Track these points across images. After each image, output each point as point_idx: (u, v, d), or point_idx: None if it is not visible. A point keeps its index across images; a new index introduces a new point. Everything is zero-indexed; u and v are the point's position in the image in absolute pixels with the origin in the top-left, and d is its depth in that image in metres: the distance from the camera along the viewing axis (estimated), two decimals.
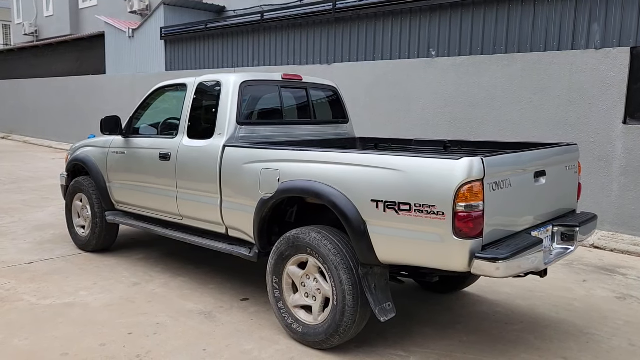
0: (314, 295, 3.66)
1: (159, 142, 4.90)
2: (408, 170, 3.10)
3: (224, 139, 4.31)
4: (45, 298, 4.50)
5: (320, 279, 3.59)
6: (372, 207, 3.23)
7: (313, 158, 3.62)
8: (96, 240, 5.68)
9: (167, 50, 13.87)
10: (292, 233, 3.71)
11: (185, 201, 4.63)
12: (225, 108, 4.38)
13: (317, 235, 3.54)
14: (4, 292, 4.63)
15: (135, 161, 5.14)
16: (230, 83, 4.43)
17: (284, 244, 3.74)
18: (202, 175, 4.41)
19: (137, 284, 4.88)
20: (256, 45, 11.42)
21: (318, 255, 3.52)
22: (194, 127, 4.64)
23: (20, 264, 5.39)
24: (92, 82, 16.81)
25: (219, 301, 4.49)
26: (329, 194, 3.42)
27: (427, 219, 3.00)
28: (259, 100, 4.68)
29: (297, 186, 3.63)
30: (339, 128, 5.32)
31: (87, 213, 5.79)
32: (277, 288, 3.83)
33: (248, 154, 4.06)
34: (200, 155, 4.44)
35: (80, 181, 5.79)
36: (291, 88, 4.90)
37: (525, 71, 7.30)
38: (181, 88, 4.90)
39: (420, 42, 8.58)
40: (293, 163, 3.73)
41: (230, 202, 4.22)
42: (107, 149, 5.49)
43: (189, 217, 4.66)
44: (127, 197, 5.34)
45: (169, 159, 4.71)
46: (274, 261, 3.82)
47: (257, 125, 4.55)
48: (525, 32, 7.42)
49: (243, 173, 4.07)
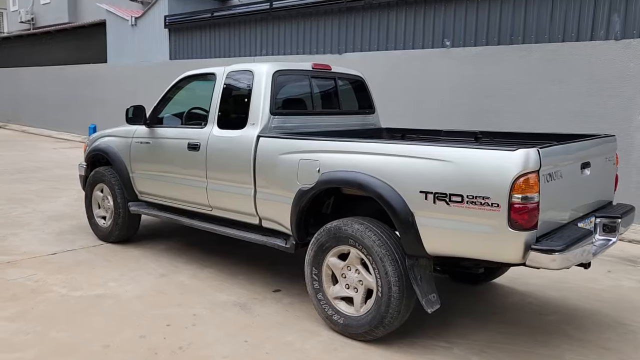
0: (355, 287, 3.64)
1: (187, 132, 4.84)
2: (460, 161, 3.08)
3: (257, 129, 4.26)
4: (75, 289, 4.46)
5: (362, 271, 3.58)
6: (421, 199, 3.21)
7: (355, 149, 3.59)
8: (118, 231, 5.63)
9: (171, 39, 13.73)
10: (333, 224, 3.69)
11: (215, 192, 4.58)
12: (258, 98, 4.33)
13: (360, 226, 3.52)
14: (33, 283, 4.58)
15: (161, 151, 5.08)
16: (263, 72, 4.38)
17: (324, 235, 3.72)
18: (234, 166, 4.37)
19: (165, 275, 4.84)
20: (264, 35, 11.33)
21: (362, 246, 3.50)
22: (225, 117, 4.59)
23: (43, 255, 5.34)
24: (93, 71, 16.64)
25: (251, 292, 4.46)
26: (375, 186, 3.39)
27: (481, 210, 2.98)
28: (290, 90, 4.63)
29: (339, 177, 3.60)
30: (365, 118, 5.29)
31: (108, 204, 5.74)
32: (317, 279, 3.81)
33: (285, 145, 4.02)
34: (233, 146, 4.39)
35: (101, 171, 5.73)
36: (320, 78, 4.86)
37: (543, 62, 7.29)
38: (209, 77, 4.84)
39: (435, 32, 8.53)
40: (334, 154, 3.69)
41: (265, 192, 4.19)
42: (130, 139, 5.42)
43: (219, 207, 4.63)
44: (151, 188, 5.29)
45: (198, 149, 4.66)
46: (314, 252, 3.80)
47: (289, 116, 4.51)
48: (543, 23, 7.39)
49: (279, 164, 4.03)
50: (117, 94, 15.40)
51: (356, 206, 4.03)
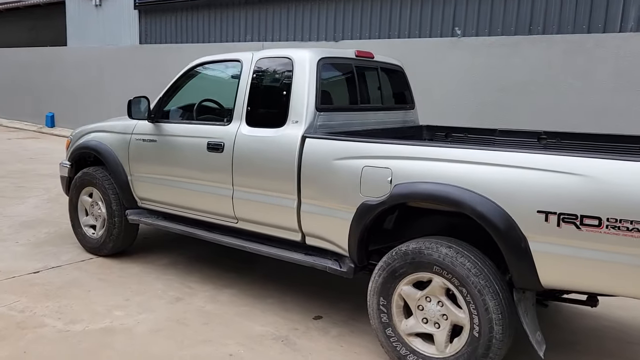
0: (436, 322, 3.02)
1: (205, 129, 4.07)
2: (597, 175, 2.48)
3: (302, 128, 3.56)
4: (74, 322, 3.65)
5: (448, 303, 2.96)
6: (539, 220, 2.61)
7: (444, 156, 2.94)
8: (113, 242, 4.80)
9: (142, 21, 12.64)
10: (410, 247, 3.04)
11: (244, 201, 3.85)
12: (302, 91, 3.62)
13: (449, 250, 2.89)
14: (18, 314, 3.74)
15: (170, 151, 4.29)
16: (306, 60, 3.67)
17: (398, 259, 3.07)
18: (270, 172, 3.66)
19: (180, 299, 4.08)
20: (249, 19, 10.47)
21: (451, 275, 2.87)
22: (255, 113, 3.85)
23: (23, 274, 4.47)
24: (51, 55, 15.28)
25: (288, 320, 3.77)
26: (475, 203, 2.77)
27: (626, 237, 2.40)
28: (335, 81, 3.94)
29: (426, 191, 2.95)
30: (407, 115, 4.66)
31: (99, 210, 4.89)
32: (385, 312, 3.16)
33: (342, 148, 3.34)
34: (269, 147, 3.67)
35: (91, 173, 4.87)
36: (363, 68, 4.18)
37: (565, 54, 6.83)
38: (233, 65, 4.09)
39: (444, 20, 7.95)
40: (413, 161, 3.04)
41: (312, 205, 3.50)
42: (129, 136, 4.59)
43: (247, 220, 3.90)
44: (156, 194, 4.49)
45: (221, 150, 3.91)
46: (382, 279, 3.14)
47: (335, 112, 3.82)
48: (566, 12, 6.92)
49: (334, 171, 3.34)
50: (79, 80, 14.17)
51: (421, 221, 3.41)
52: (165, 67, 11.97)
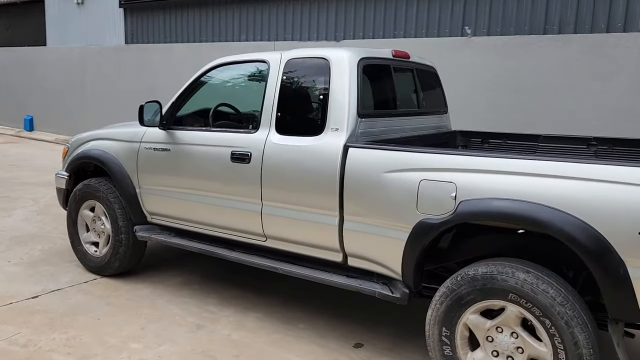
0: (509, 355, 2.68)
1: (228, 137, 3.67)
2: None
3: (343, 136, 3.19)
4: (86, 358, 3.22)
5: (524, 335, 2.62)
6: None
7: (520, 169, 2.60)
8: (119, 261, 4.36)
9: (128, 20, 12.09)
10: (478, 270, 2.70)
11: (275, 217, 3.47)
12: (342, 95, 3.24)
13: (528, 276, 2.56)
14: (21, 349, 3.29)
15: (186, 161, 3.88)
16: (345, 61, 3.30)
17: (465, 285, 2.72)
18: (307, 185, 3.28)
19: (201, 326, 3.67)
20: (243, 17, 10.04)
21: (532, 304, 2.54)
22: (286, 119, 3.47)
23: (21, 300, 4.00)
24: (29, 55, 14.60)
25: (327, 350, 3.40)
26: (564, 223, 2.43)
27: None
28: (375, 84, 3.58)
29: (499, 209, 2.60)
30: (441, 119, 4.32)
31: (102, 226, 4.45)
32: (448, 343, 2.81)
33: (394, 159, 2.97)
34: (305, 158, 3.29)
35: (94, 185, 4.42)
36: (401, 69, 3.83)
37: (583, 54, 6.58)
38: (258, 66, 3.70)
39: (453, 18, 7.65)
40: (482, 175, 2.70)
41: (357, 222, 3.13)
42: (138, 144, 4.16)
43: (278, 238, 3.52)
44: (169, 208, 4.07)
45: (248, 160, 3.51)
46: (446, 307, 2.79)
47: (376, 118, 3.45)
48: (583, 10, 6.67)
49: (384, 185, 2.98)
50: (59, 81, 13.54)
51: (476, 239, 3.06)
52: (153, 68, 11.48)
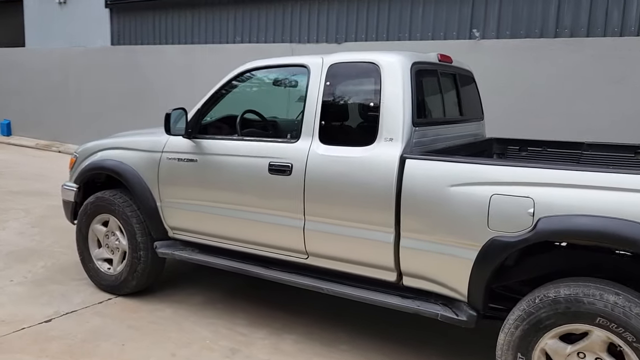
0: None
1: (265, 147, 3.42)
2: None
3: (399, 146, 2.97)
4: None
5: None
6: None
7: (609, 183, 2.42)
8: (137, 280, 4.06)
9: (114, 21, 11.66)
10: (560, 292, 2.50)
11: (319, 234, 3.23)
12: (396, 103, 3.03)
13: (618, 299, 2.37)
14: None
15: (216, 173, 3.61)
16: (397, 66, 3.08)
17: (545, 308, 2.53)
18: (358, 200, 3.05)
19: (236, 351, 3.41)
20: (239, 18, 9.74)
21: (623, 329, 2.35)
22: (331, 128, 3.24)
23: (33, 324, 3.67)
24: (6, 56, 14.01)
25: None
26: None
27: None
28: (426, 90, 3.36)
29: (587, 227, 2.41)
30: (479, 126, 4.14)
31: (117, 242, 4.14)
32: None
33: (461, 172, 2.77)
34: (355, 170, 3.06)
35: (108, 197, 4.11)
36: (445, 74, 3.63)
37: (596, 58, 6.50)
38: (297, 71, 3.46)
39: (461, 20, 7.50)
40: (563, 189, 2.51)
41: (416, 239, 2.92)
42: (159, 154, 3.87)
43: (322, 255, 3.28)
44: (195, 223, 3.80)
45: (289, 172, 3.27)
46: (521, 332, 2.60)
47: (429, 126, 3.25)
48: (596, 14, 6.60)
49: (449, 199, 2.77)
50: (40, 84, 12.99)
51: (545, 256, 2.88)
52: (142, 70, 11.09)
